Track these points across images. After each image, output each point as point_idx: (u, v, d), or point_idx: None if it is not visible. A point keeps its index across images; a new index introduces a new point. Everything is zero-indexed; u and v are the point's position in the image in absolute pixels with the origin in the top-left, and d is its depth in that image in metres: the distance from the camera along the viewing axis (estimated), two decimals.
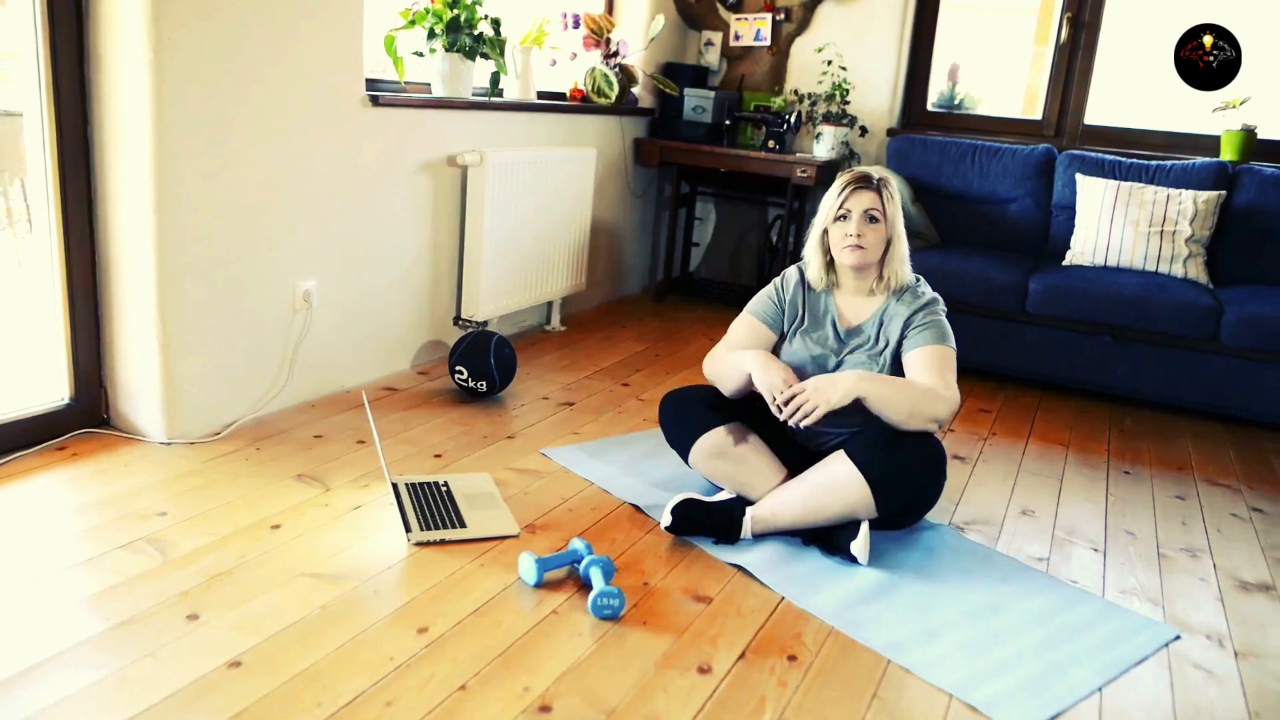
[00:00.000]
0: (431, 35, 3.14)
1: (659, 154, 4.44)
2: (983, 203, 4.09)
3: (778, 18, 4.54)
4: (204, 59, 2.37)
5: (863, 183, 2.25)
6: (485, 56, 3.26)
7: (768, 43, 4.58)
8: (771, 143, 4.32)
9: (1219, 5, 3.85)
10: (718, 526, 2.19)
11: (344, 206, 2.89)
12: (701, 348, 3.81)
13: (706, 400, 2.36)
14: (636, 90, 4.37)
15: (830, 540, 2.18)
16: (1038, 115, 4.32)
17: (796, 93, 4.55)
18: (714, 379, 2.39)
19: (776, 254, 4.55)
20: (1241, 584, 2.25)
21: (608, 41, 4.10)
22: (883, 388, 2.13)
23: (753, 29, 4.60)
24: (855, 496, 2.12)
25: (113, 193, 2.38)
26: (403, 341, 3.28)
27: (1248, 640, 2.00)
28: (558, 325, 4.03)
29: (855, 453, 2.14)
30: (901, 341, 2.26)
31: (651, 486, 2.47)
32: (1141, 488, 2.80)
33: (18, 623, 1.69)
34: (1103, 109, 4.21)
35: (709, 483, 2.45)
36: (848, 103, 4.41)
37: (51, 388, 2.46)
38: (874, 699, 1.69)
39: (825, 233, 2.32)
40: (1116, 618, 2.03)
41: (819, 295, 2.39)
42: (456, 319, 3.47)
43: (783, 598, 2.00)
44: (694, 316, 4.42)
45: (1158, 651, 1.92)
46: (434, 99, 3.19)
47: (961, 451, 2.96)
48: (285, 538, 2.06)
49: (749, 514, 2.21)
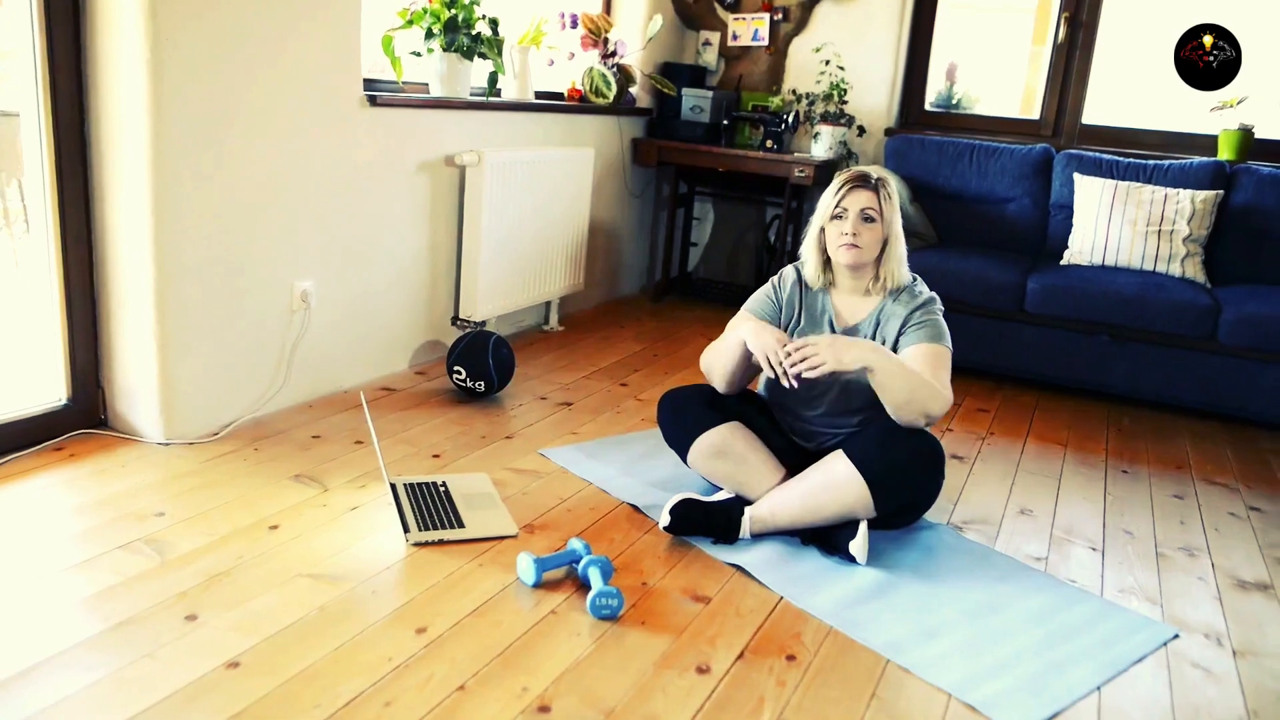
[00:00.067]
0: (429, 35, 3.14)
1: (657, 154, 4.44)
2: (981, 202, 4.09)
3: (775, 17, 4.54)
4: (202, 58, 2.36)
5: (860, 182, 2.25)
6: (483, 56, 3.26)
7: (765, 42, 4.58)
8: (769, 142, 4.32)
9: (1216, 5, 3.85)
10: (716, 526, 2.19)
11: (342, 206, 2.89)
12: (700, 347, 3.80)
13: (705, 400, 2.36)
14: (634, 90, 4.37)
15: (829, 540, 2.18)
16: (1035, 115, 4.33)
17: (794, 92, 4.55)
18: (710, 371, 2.37)
19: (774, 254, 4.55)
20: (1239, 583, 2.26)
21: (605, 41, 4.10)
22: (893, 366, 2.11)
23: (750, 29, 4.60)
24: (854, 496, 2.12)
25: (110, 193, 2.38)
26: (401, 342, 3.28)
27: (1246, 639, 2.00)
28: (556, 325, 4.03)
29: (854, 452, 2.14)
30: (898, 340, 2.26)
31: (650, 486, 2.47)
32: (1139, 487, 2.81)
33: (16, 624, 1.68)
34: (1100, 108, 4.21)
35: (707, 483, 2.45)
36: (845, 102, 4.42)
37: (49, 388, 2.45)
38: (873, 698, 1.69)
39: (822, 231, 2.32)
40: (1115, 617, 2.03)
41: (816, 294, 2.39)
42: (454, 319, 3.47)
43: (781, 597, 2.00)
44: (692, 316, 4.42)
45: (1156, 650, 1.92)
46: (432, 99, 3.19)
47: (960, 451, 2.96)
48: (283, 538, 2.06)
49: (747, 514, 2.21)
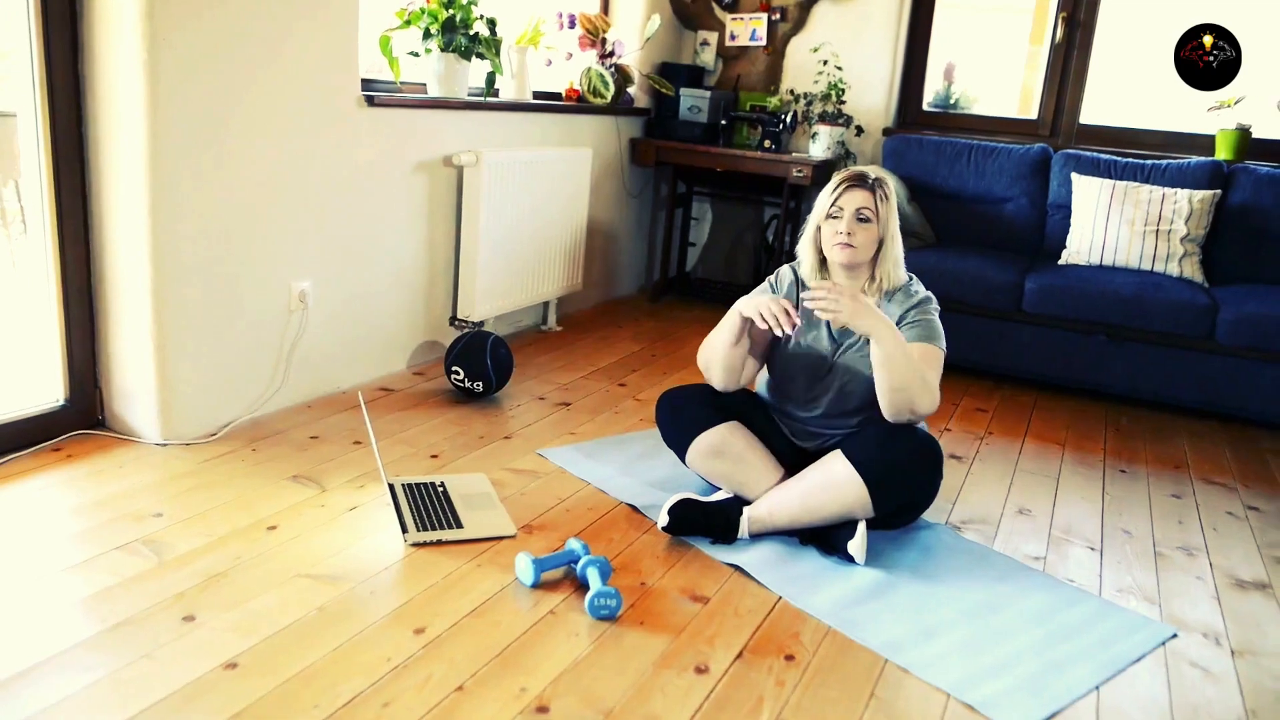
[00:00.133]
0: (427, 35, 3.14)
1: (655, 154, 4.44)
2: (978, 202, 4.10)
3: (773, 17, 4.54)
4: (199, 59, 2.36)
5: (857, 181, 2.24)
6: (481, 56, 3.26)
7: (763, 42, 4.58)
8: (767, 142, 4.32)
9: (1214, 5, 3.85)
10: (715, 526, 2.19)
11: (340, 207, 2.89)
12: (698, 348, 3.80)
13: (704, 399, 2.36)
14: (632, 90, 4.37)
15: (827, 540, 2.18)
16: (1033, 115, 4.33)
17: (792, 92, 4.55)
18: (708, 366, 2.35)
19: (773, 254, 4.55)
20: (1238, 582, 2.26)
21: (603, 41, 4.10)
22: (900, 349, 2.09)
23: (748, 29, 4.60)
24: (852, 496, 2.12)
25: (107, 193, 2.38)
26: (399, 342, 3.27)
27: (1244, 638, 2.00)
28: (554, 325, 4.03)
29: (852, 452, 2.14)
30: None
31: (648, 486, 2.47)
32: (1138, 486, 2.81)
33: (14, 625, 1.68)
34: (1098, 108, 4.21)
35: (706, 483, 2.44)
36: (843, 102, 4.42)
37: (46, 389, 2.45)
38: (871, 698, 1.69)
39: (818, 230, 2.32)
40: (1113, 616, 2.03)
41: None
42: (452, 319, 3.46)
43: (780, 597, 2.00)
44: (690, 316, 4.42)
45: (1155, 650, 1.92)
46: (430, 99, 3.19)
47: (958, 451, 2.96)
48: (282, 539, 2.06)
49: (746, 514, 2.21)
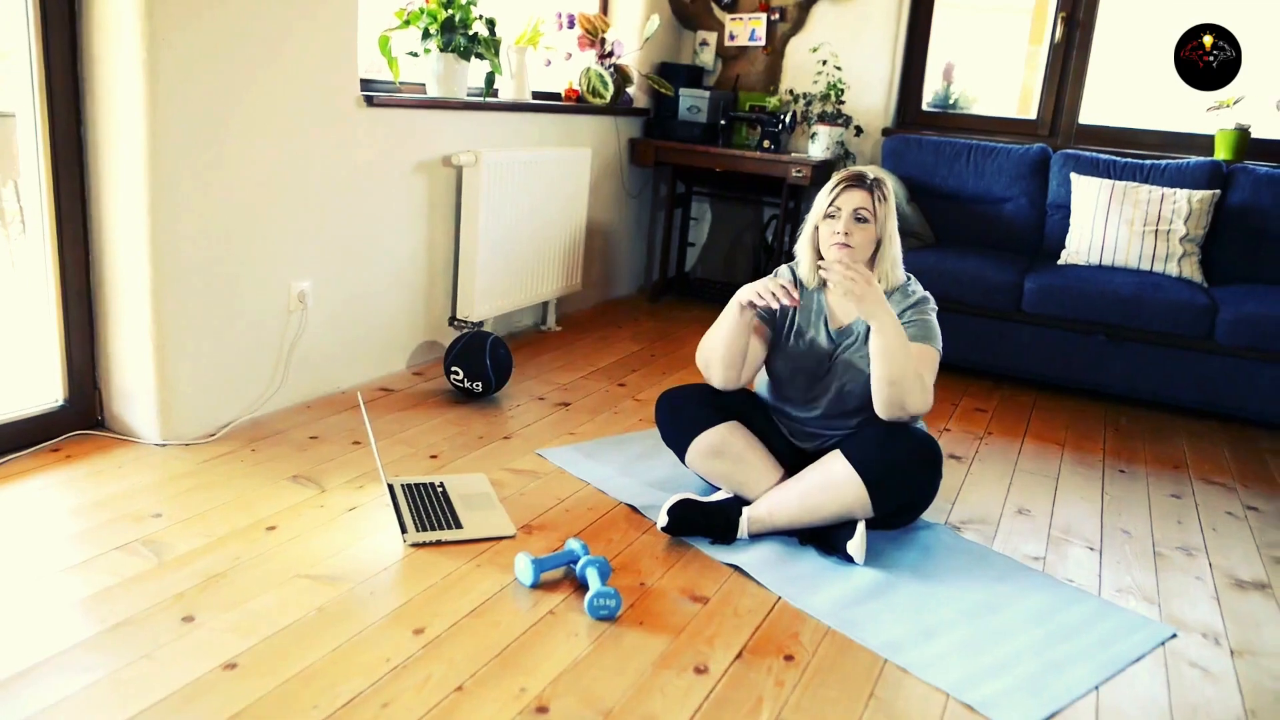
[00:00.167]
0: (426, 35, 3.14)
1: (654, 154, 4.44)
2: (978, 202, 4.10)
3: (772, 17, 4.54)
4: (198, 59, 2.36)
5: (855, 182, 2.24)
6: (480, 57, 3.26)
7: (762, 42, 4.58)
8: (767, 142, 4.32)
9: (1213, 5, 3.85)
10: (714, 527, 2.19)
11: (339, 207, 2.89)
12: (696, 347, 3.81)
13: (703, 399, 2.36)
14: (631, 90, 4.37)
15: (827, 540, 2.18)
16: (1032, 115, 4.33)
17: (791, 92, 4.55)
18: (708, 363, 2.32)
19: (772, 254, 4.55)
20: (1237, 582, 2.26)
21: (603, 41, 4.10)
22: (897, 342, 2.09)
23: (747, 29, 4.60)
24: (852, 496, 2.12)
25: (107, 193, 2.38)
26: (398, 342, 3.27)
27: (1243, 638, 2.00)
28: (553, 325, 4.03)
29: (851, 452, 2.14)
30: None
31: (648, 487, 2.47)
32: (1137, 486, 2.81)
33: (13, 625, 1.68)
34: (1097, 108, 4.22)
35: (705, 483, 2.44)
36: (843, 102, 4.42)
37: (45, 389, 2.45)
38: (871, 698, 1.69)
39: (816, 230, 2.31)
40: (1113, 616, 2.03)
41: (811, 294, 2.38)
42: (452, 319, 3.46)
43: (779, 597, 2.00)
44: (690, 316, 4.42)
45: (1154, 650, 1.92)
46: (429, 99, 3.19)
47: (957, 451, 2.96)
48: (281, 539, 2.06)
49: (745, 514, 2.21)
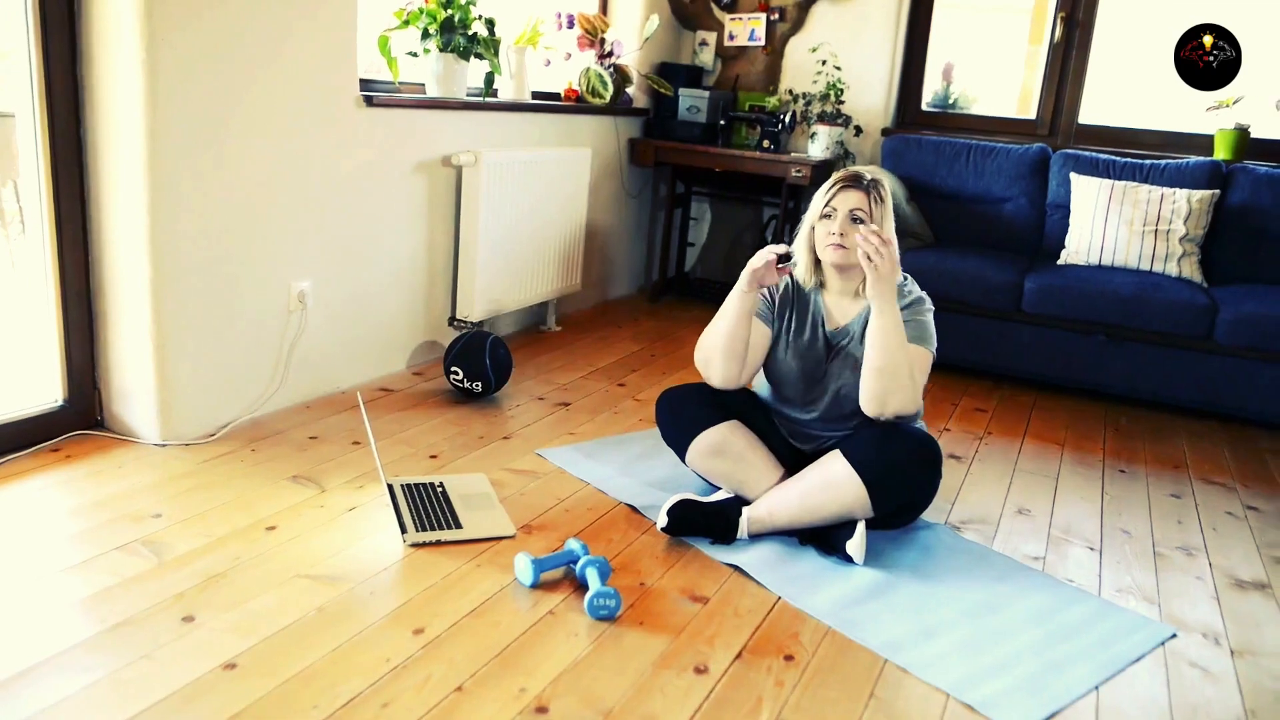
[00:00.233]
0: (426, 35, 3.14)
1: (654, 154, 4.44)
2: (977, 202, 4.10)
3: (772, 17, 4.54)
4: (197, 59, 2.36)
5: (852, 182, 2.23)
6: (480, 57, 3.26)
7: (762, 42, 4.58)
8: (766, 142, 4.32)
9: (1213, 5, 3.85)
10: (714, 527, 2.19)
11: (339, 207, 2.89)
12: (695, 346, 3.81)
13: (704, 398, 2.35)
14: (631, 90, 4.37)
15: (827, 540, 2.18)
16: (1032, 115, 4.33)
17: (791, 92, 4.55)
18: (708, 361, 2.30)
19: None
20: (1237, 582, 2.26)
21: (602, 42, 4.09)
22: (895, 328, 2.09)
23: (747, 29, 4.60)
24: (852, 496, 2.12)
25: (106, 194, 2.38)
26: (398, 342, 3.27)
27: (1243, 638, 2.00)
28: (553, 325, 4.03)
29: (851, 452, 2.14)
30: None
31: (648, 487, 2.47)
32: (1137, 486, 2.81)
33: (13, 626, 1.68)
34: (1097, 108, 4.22)
35: (705, 483, 2.44)
36: (842, 102, 4.42)
37: (45, 389, 2.45)
38: (871, 698, 1.69)
39: (812, 230, 2.31)
40: (1113, 616, 2.03)
41: (808, 295, 2.37)
42: (451, 319, 3.46)
43: (779, 597, 2.00)
44: (689, 316, 4.42)
45: (1154, 650, 1.92)
46: (428, 99, 3.19)
47: (957, 451, 2.96)
48: (281, 539, 2.06)
49: (745, 514, 2.21)
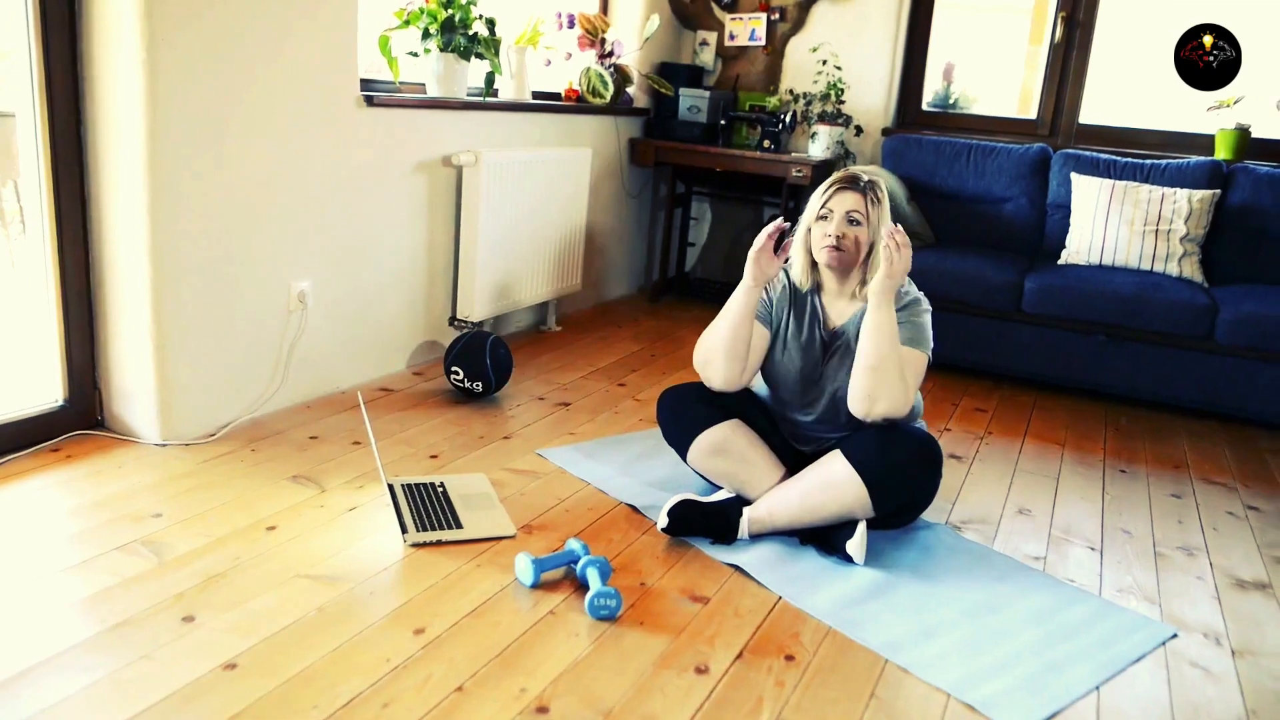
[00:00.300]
0: (426, 35, 3.14)
1: (654, 154, 4.44)
2: (978, 202, 4.10)
3: (772, 17, 4.54)
4: (198, 59, 2.36)
5: (849, 184, 2.22)
6: (480, 56, 3.26)
7: (762, 42, 4.58)
8: (767, 142, 4.32)
9: (1213, 5, 3.85)
10: (714, 527, 2.19)
11: (339, 207, 2.89)
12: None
13: (705, 398, 2.35)
14: (631, 90, 4.37)
15: (827, 540, 2.18)
16: (1032, 114, 4.33)
17: (791, 92, 4.55)
18: (707, 361, 2.28)
19: None
20: (1238, 582, 2.26)
21: (603, 41, 4.09)
22: (889, 325, 2.10)
23: (747, 29, 4.60)
24: (852, 496, 2.12)
25: (106, 193, 2.37)
26: (398, 342, 3.27)
27: (1244, 638, 2.00)
28: (553, 325, 4.03)
29: (852, 452, 2.14)
30: None
31: (648, 487, 2.47)
32: (1138, 486, 2.81)
33: (13, 626, 1.68)
34: (1097, 108, 4.21)
35: (706, 483, 2.44)
36: (843, 102, 4.42)
37: (45, 389, 2.45)
38: (872, 698, 1.69)
39: (809, 231, 2.31)
40: (1113, 616, 2.03)
41: (805, 296, 2.36)
42: (452, 319, 3.46)
43: (780, 597, 2.00)
44: (690, 316, 4.42)
45: (1155, 650, 1.92)
46: (429, 99, 3.19)
47: (958, 451, 2.96)
48: (281, 539, 2.06)
49: (746, 514, 2.21)
